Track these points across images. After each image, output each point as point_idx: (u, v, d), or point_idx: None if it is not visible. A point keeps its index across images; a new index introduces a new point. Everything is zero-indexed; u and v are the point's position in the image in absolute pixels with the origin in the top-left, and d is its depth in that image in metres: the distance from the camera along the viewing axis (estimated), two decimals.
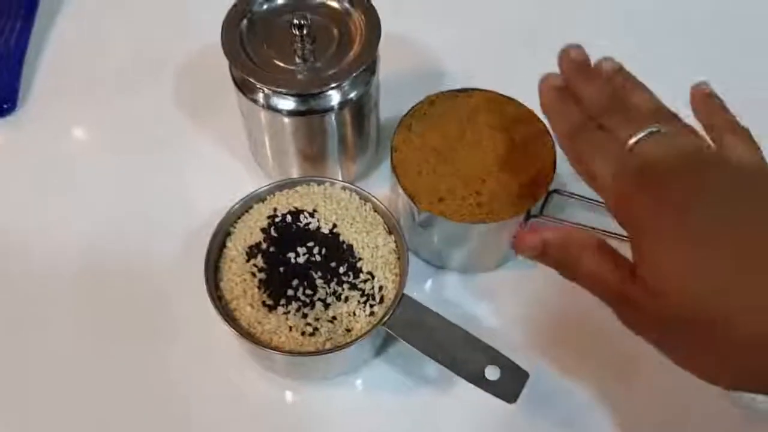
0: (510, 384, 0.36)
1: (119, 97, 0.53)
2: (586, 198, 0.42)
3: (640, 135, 0.30)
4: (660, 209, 0.28)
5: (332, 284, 0.38)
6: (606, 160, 0.31)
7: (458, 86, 0.45)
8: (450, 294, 0.45)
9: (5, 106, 0.52)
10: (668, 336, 0.28)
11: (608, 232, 0.41)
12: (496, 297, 0.44)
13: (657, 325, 0.28)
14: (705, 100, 0.34)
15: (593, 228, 0.42)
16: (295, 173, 0.46)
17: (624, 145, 0.30)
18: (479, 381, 0.36)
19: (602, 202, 0.39)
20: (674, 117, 0.32)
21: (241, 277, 0.38)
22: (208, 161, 0.50)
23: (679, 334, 0.28)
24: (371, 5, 0.42)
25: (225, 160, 0.50)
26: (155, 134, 0.51)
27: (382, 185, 0.46)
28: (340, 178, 0.46)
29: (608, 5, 0.59)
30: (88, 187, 0.49)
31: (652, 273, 0.28)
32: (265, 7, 0.42)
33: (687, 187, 0.28)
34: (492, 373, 0.36)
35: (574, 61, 0.35)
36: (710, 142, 0.31)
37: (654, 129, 0.30)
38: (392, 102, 0.46)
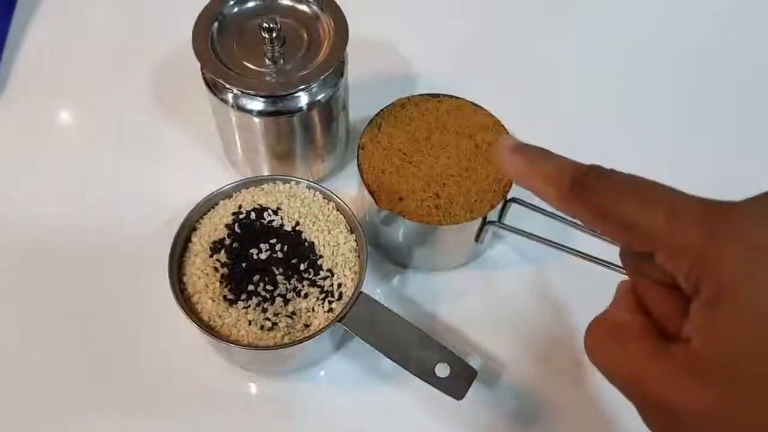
0: (459, 381, 0.37)
1: (96, 89, 0.54)
2: (545, 210, 0.42)
3: None
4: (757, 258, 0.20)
5: (292, 280, 0.39)
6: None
7: (430, 91, 0.46)
8: (412, 292, 0.46)
9: None
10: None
11: (566, 247, 0.42)
12: (455, 296, 0.45)
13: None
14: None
15: (550, 241, 0.42)
16: (265, 171, 0.47)
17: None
18: (429, 377, 0.37)
19: (561, 216, 0.41)
20: None
21: (204, 272, 0.39)
22: (181, 156, 0.51)
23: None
24: (339, 10, 0.43)
25: (197, 156, 0.51)
26: (131, 127, 0.52)
27: (349, 184, 0.47)
28: (309, 177, 0.47)
29: (588, 13, 0.60)
30: (61, 176, 0.50)
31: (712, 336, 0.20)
32: (235, 9, 0.43)
33: None
34: (442, 370, 0.37)
35: None
36: None
37: None
38: (366, 103, 0.47)
